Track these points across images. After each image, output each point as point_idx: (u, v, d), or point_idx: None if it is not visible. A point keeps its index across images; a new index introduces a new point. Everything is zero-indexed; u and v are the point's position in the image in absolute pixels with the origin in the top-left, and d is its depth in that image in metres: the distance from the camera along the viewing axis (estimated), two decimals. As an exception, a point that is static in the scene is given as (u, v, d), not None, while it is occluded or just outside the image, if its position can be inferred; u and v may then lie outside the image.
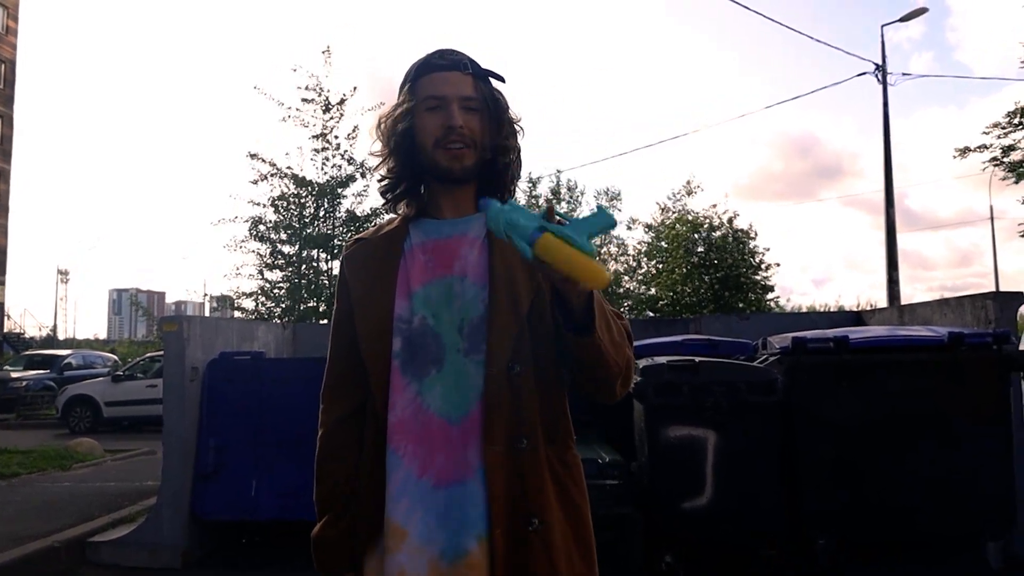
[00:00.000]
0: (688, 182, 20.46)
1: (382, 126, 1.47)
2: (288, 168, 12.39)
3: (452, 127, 1.40)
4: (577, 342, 1.28)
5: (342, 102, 12.57)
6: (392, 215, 1.56)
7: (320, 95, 12.56)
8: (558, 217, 1.26)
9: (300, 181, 12.46)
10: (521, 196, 24.54)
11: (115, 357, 21.37)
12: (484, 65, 1.47)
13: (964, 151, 18.74)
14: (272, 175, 12.42)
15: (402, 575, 1.33)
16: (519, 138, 1.49)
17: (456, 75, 1.43)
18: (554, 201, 24.84)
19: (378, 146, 1.49)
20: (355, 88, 12.82)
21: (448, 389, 1.37)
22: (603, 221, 1.19)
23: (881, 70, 15.54)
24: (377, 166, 1.51)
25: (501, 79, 1.48)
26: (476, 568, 1.31)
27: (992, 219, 33.51)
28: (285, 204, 12.49)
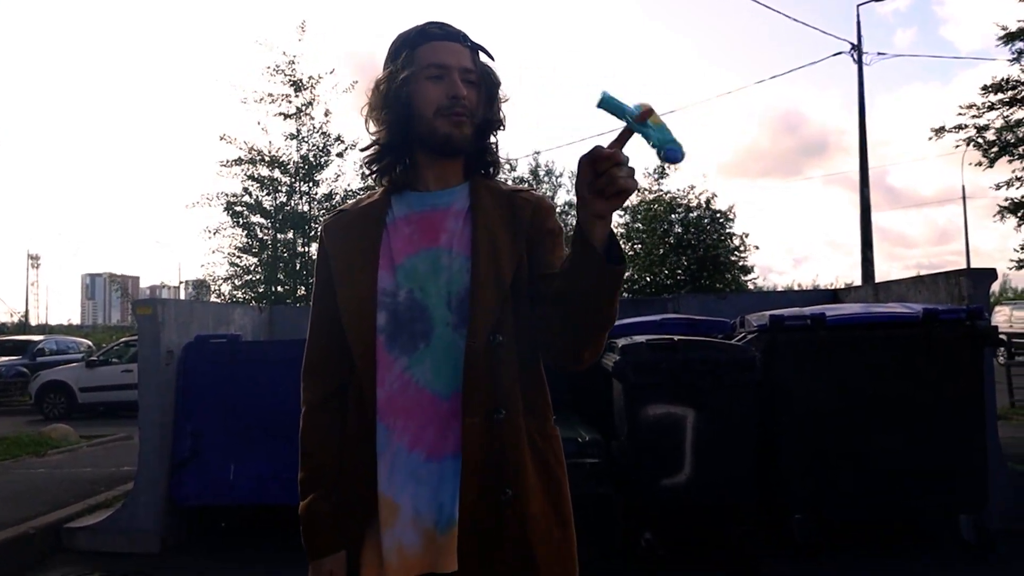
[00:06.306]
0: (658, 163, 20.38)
1: (381, 88, 1.43)
2: (254, 148, 12.28)
3: (457, 97, 1.38)
4: (611, 271, 1.19)
5: (314, 80, 12.45)
6: (372, 189, 1.53)
7: (288, 75, 12.44)
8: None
9: (275, 162, 12.33)
10: (502, 177, 24.59)
11: (89, 342, 21.08)
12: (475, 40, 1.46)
13: (940, 131, 18.76)
14: (246, 160, 12.29)
15: (400, 549, 1.32)
16: (505, 117, 1.48)
17: (456, 46, 1.42)
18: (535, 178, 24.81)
19: (372, 112, 1.45)
20: (332, 70, 12.75)
21: (437, 363, 1.35)
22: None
23: (857, 50, 15.60)
24: (373, 135, 1.47)
25: (491, 56, 1.47)
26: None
27: (964, 198, 34.18)
28: (260, 185, 12.38)
